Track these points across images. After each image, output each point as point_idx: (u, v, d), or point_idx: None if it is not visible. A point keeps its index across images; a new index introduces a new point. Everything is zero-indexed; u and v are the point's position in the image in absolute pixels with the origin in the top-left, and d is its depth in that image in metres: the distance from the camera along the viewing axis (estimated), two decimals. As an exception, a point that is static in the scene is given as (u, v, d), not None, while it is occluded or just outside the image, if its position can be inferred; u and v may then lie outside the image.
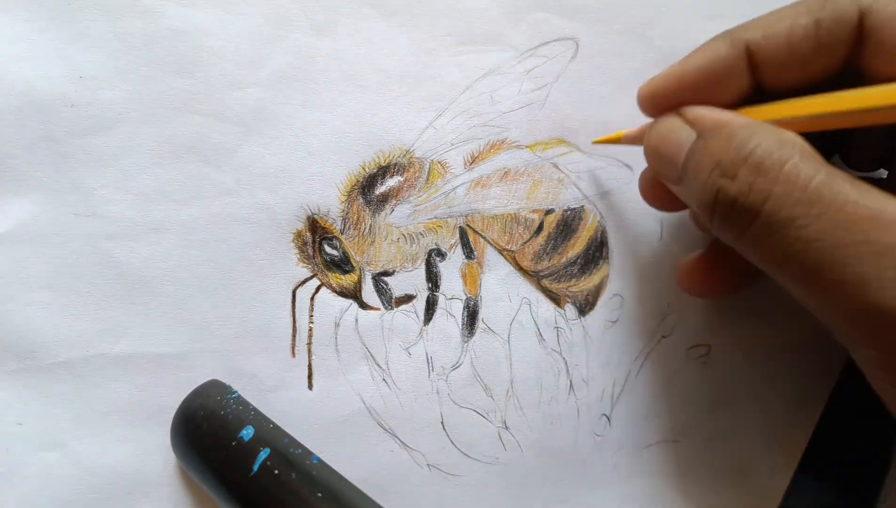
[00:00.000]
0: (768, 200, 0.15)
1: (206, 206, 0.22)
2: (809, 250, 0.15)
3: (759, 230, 0.16)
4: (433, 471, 0.24)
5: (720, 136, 0.17)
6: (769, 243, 0.16)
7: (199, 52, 0.22)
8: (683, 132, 0.18)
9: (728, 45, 0.18)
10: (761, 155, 0.16)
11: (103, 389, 0.22)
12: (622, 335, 0.25)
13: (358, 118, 0.23)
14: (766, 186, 0.15)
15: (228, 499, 0.20)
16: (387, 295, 0.24)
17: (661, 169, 0.20)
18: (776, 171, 0.15)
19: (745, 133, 0.16)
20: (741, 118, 0.17)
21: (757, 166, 0.16)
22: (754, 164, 0.16)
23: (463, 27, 0.24)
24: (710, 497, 0.25)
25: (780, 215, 0.15)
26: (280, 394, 0.23)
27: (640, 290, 0.25)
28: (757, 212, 0.16)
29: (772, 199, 0.15)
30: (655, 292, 0.25)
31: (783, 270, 0.16)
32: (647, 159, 0.21)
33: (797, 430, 0.26)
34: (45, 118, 0.21)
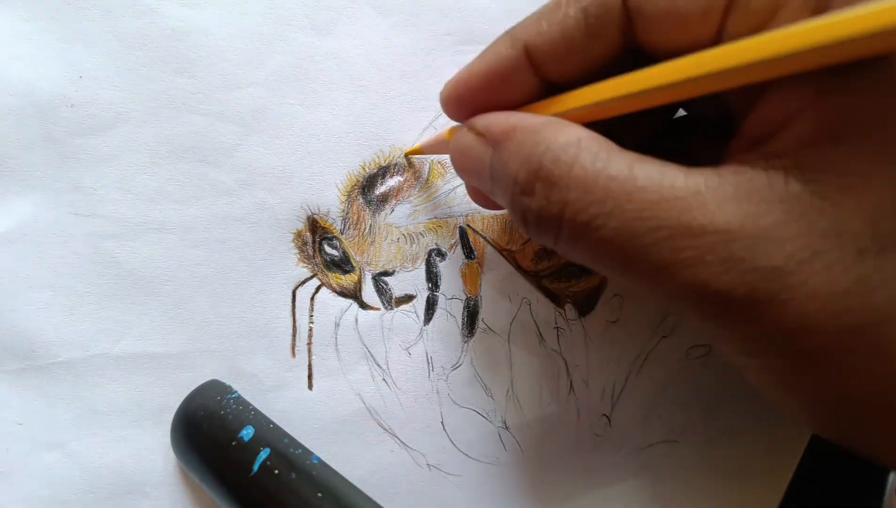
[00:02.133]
0: (566, 208, 0.16)
1: (206, 206, 0.22)
2: (613, 246, 0.15)
3: (568, 237, 0.16)
4: (433, 471, 0.24)
5: (511, 148, 0.17)
6: (580, 247, 0.16)
7: (199, 52, 0.22)
8: (479, 148, 0.18)
9: (509, 46, 0.18)
10: (549, 166, 0.16)
11: (103, 389, 0.22)
12: (622, 335, 0.25)
13: (358, 118, 0.23)
14: (560, 197, 0.16)
15: (228, 499, 0.20)
16: (387, 295, 0.24)
17: (474, 183, 0.20)
18: (565, 178, 0.16)
19: (532, 140, 0.17)
20: (527, 120, 0.17)
21: (548, 179, 0.16)
22: (545, 177, 0.16)
23: (463, 27, 0.24)
24: (710, 497, 0.25)
25: (580, 220, 0.16)
26: (280, 394, 0.23)
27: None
28: (560, 221, 0.16)
29: (568, 206, 0.16)
30: (655, 292, 0.25)
31: (600, 267, 0.16)
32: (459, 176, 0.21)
33: (797, 430, 0.26)
34: (45, 118, 0.21)
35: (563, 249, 0.17)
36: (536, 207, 0.16)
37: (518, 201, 0.17)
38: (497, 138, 0.18)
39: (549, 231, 0.17)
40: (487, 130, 0.18)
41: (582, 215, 0.15)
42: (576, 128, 0.16)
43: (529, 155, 0.16)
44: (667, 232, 0.14)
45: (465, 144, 0.19)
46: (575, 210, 0.16)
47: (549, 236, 0.17)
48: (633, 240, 0.15)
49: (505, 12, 0.25)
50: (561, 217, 0.16)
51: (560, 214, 0.16)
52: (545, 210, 0.16)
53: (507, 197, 0.18)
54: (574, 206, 0.16)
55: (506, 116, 0.18)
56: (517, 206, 0.17)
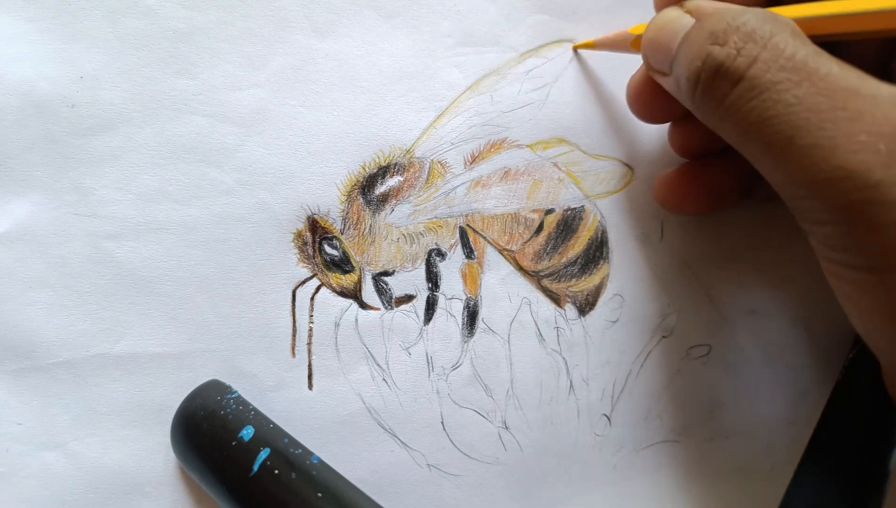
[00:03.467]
0: (754, 63, 0.16)
1: (206, 206, 0.22)
2: (787, 113, 0.15)
3: (740, 95, 0.16)
4: (433, 471, 0.24)
5: (715, 16, 0.17)
6: (748, 109, 0.16)
7: (199, 53, 0.22)
8: (682, 20, 0.18)
9: None
10: (752, 25, 0.16)
11: (103, 389, 0.22)
12: (622, 335, 0.25)
13: (358, 118, 0.23)
14: (753, 52, 0.16)
15: (228, 499, 0.20)
16: (387, 295, 0.24)
17: (654, 58, 0.20)
18: (765, 39, 0.16)
19: (740, 9, 0.17)
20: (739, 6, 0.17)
21: (748, 34, 0.16)
22: (745, 32, 0.16)
23: (463, 28, 0.24)
24: (710, 497, 0.25)
25: (764, 79, 0.15)
26: (280, 394, 0.23)
27: (640, 290, 0.25)
28: (741, 75, 0.16)
29: (758, 63, 0.16)
30: (655, 293, 0.25)
31: (758, 136, 0.16)
32: (643, 53, 0.21)
33: (797, 430, 0.26)
34: (45, 118, 0.21)
35: (725, 111, 0.17)
36: (724, 55, 0.16)
37: (703, 50, 0.17)
38: (705, 13, 0.18)
39: (723, 86, 0.16)
40: (698, 7, 0.18)
41: (769, 75, 0.15)
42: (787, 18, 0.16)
43: (735, 16, 0.16)
44: (850, 114, 0.14)
45: (669, 16, 0.19)
46: (763, 68, 0.15)
47: (720, 91, 0.16)
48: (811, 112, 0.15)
49: (505, 14, 0.25)
50: (744, 72, 0.16)
51: (745, 67, 0.16)
52: (731, 61, 0.16)
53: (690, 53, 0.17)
54: (764, 64, 0.15)
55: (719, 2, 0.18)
56: (700, 55, 0.17)
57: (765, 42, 0.16)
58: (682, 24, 0.18)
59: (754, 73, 0.16)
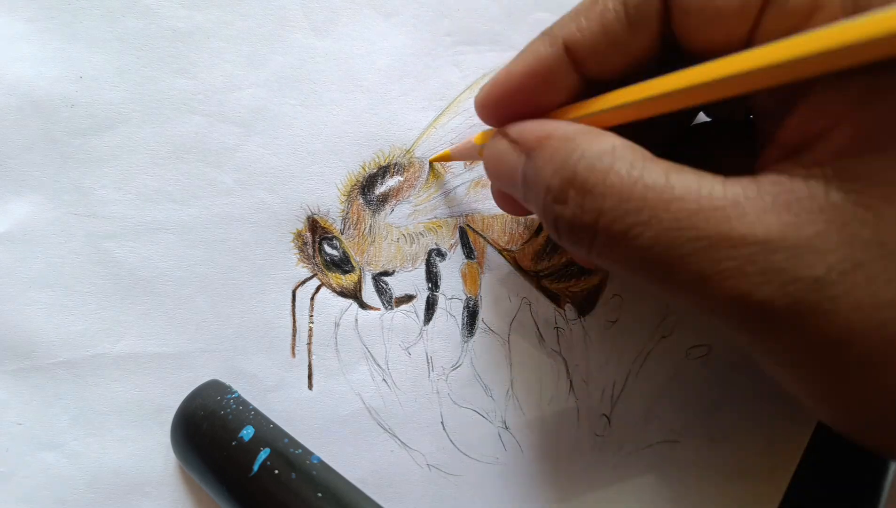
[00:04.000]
0: (600, 217, 0.15)
1: (206, 206, 0.22)
2: (650, 256, 0.15)
3: (602, 246, 0.16)
4: (433, 471, 0.24)
5: (544, 156, 0.17)
6: (614, 256, 0.16)
7: (199, 53, 0.22)
8: (512, 156, 0.18)
9: (548, 45, 0.18)
10: (584, 173, 0.16)
11: (103, 389, 0.22)
12: (622, 335, 0.25)
13: (358, 118, 0.23)
14: (595, 205, 0.16)
15: (228, 499, 0.20)
16: (387, 295, 0.24)
17: (506, 190, 0.20)
18: (601, 186, 0.15)
19: (566, 150, 0.16)
20: (561, 128, 0.17)
21: (582, 186, 0.16)
22: (579, 185, 0.16)
23: (463, 27, 0.24)
24: (710, 497, 0.25)
25: (615, 229, 0.15)
26: (280, 394, 0.23)
27: (640, 290, 0.25)
28: (594, 230, 0.16)
29: (603, 215, 0.15)
30: (655, 292, 0.25)
31: (636, 277, 0.16)
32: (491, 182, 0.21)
33: (797, 430, 0.26)
34: (45, 118, 0.21)
35: (597, 258, 0.17)
36: (570, 215, 0.16)
37: (550, 208, 0.17)
38: (530, 146, 0.17)
39: (583, 240, 0.16)
40: (521, 136, 0.18)
41: (618, 225, 0.15)
42: (610, 136, 0.16)
43: (563, 162, 0.16)
44: (706, 242, 0.14)
45: (499, 150, 0.19)
46: (611, 219, 0.15)
47: (583, 244, 0.16)
48: (671, 250, 0.15)
49: (505, 13, 0.25)
50: (595, 226, 0.16)
51: (594, 222, 0.16)
52: (579, 218, 0.16)
53: (539, 205, 0.17)
54: (610, 215, 0.15)
55: (540, 123, 0.18)
56: (549, 214, 0.17)
57: (601, 189, 0.15)
58: (515, 161, 0.18)
59: (604, 225, 0.15)
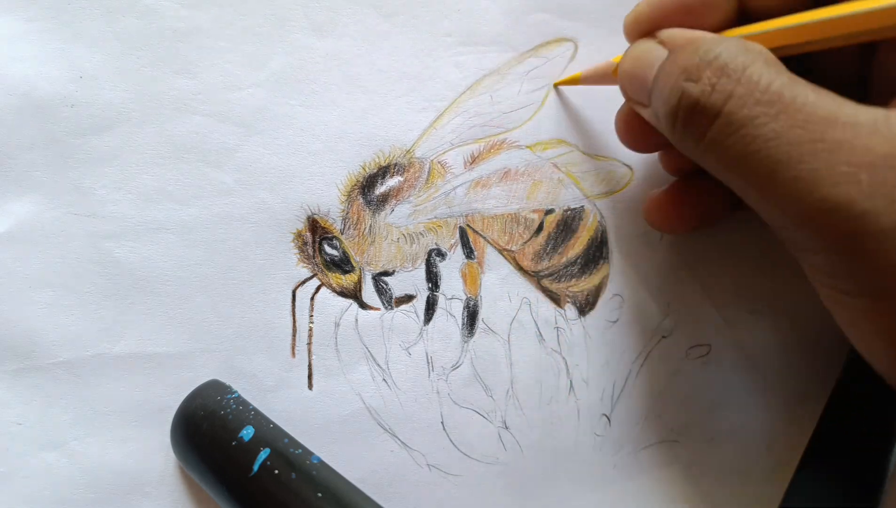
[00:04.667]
0: (729, 99, 0.15)
1: (206, 206, 0.22)
2: (766, 148, 0.15)
3: (719, 131, 0.16)
4: (433, 471, 0.24)
5: (689, 48, 0.17)
6: (728, 145, 0.16)
7: (199, 53, 0.22)
8: (656, 52, 0.18)
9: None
10: (725, 59, 0.16)
11: (103, 389, 0.22)
12: (622, 335, 0.25)
13: (358, 118, 0.23)
14: (727, 87, 0.16)
15: (228, 499, 0.20)
16: (387, 295, 0.24)
17: (632, 91, 0.20)
18: (738, 73, 0.16)
19: (711, 42, 0.16)
20: (712, 34, 0.17)
21: (721, 69, 0.16)
22: (718, 67, 0.16)
23: (463, 27, 0.24)
24: (710, 497, 0.25)
25: (740, 114, 0.15)
26: (280, 394, 0.23)
27: (640, 290, 0.25)
28: (718, 112, 0.16)
29: (733, 98, 0.15)
30: (655, 292, 0.25)
31: (741, 171, 0.16)
32: (620, 86, 0.21)
33: (797, 430, 0.26)
34: (45, 118, 0.21)
35: (706, 147, 0.16)
36: (699, 91, 0.16)
37: (679, 86, 0.16)
38: (678, 44, 0.18)
39: (701, 124, 0.16)
40: (671, 38, 0.18)
41: (745, 111, 0.15)
42: (758, 45, 0.16)
43: (707, 50, 0.16)
44: (829, 145, 0.14)
45: (643, 48, 0.19)
46: (739, 103, 0.15)
47: (698, 129, 0.16)
48: (792, 146, 0.15)
49: (505, 13, 0.25)
50: (720, 108, 0.16)
51: (721, 104, 0.16)
52: (706, 97, 0.16)
53: (666, 88, 0.17)
54: (739, 99, 0.15)
55: (692, 31, 0.18)
56: (676, 91, 0.17)
57: (738, 75, 0.16)
58: (656, 57, 0.18)
59: (730, 108, 0.15)
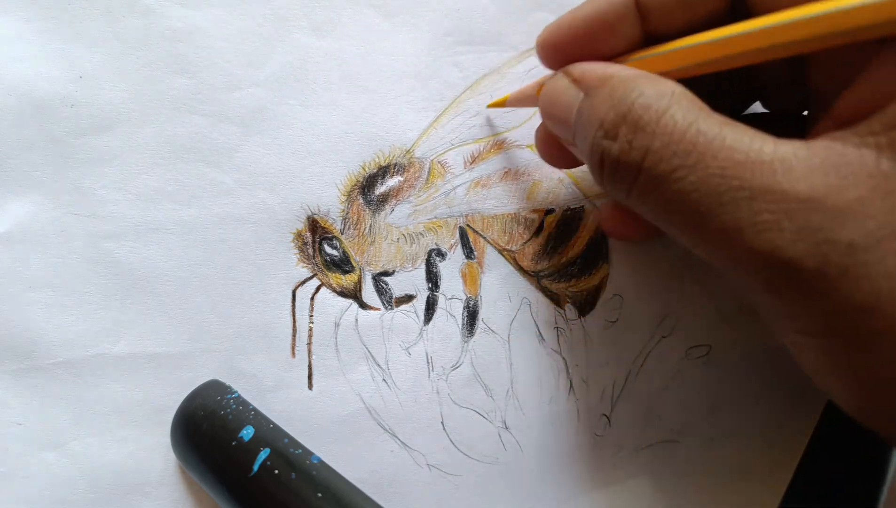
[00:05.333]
0: (647, 155, 0.16)
1: (206, 206, 0.22)
2: (689, 200, 0.15)
3: (643, 187, 0.16)
4: (433, 471, 0.24)
5: (603, 93, 0.17)
6: (653, 199, 0.16)
7: (199, 53, 0.22)
8: (571, 92, 0.18)
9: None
10: (639, 111, 0.16)
11: (103, 389, 0.22)
12: (622, 335, 0.25)
13: (358, 118, 0.23)
14: (643, 143, 0.16)
15: (228, 499, 0.20)
16: (387, 295, 0.24)
17: (557, 131, 0.20)
18: (653, 125, 0.16)
19: (625, 88, 0.16)
20: (624, 71, 0.17)
21: (635, 123, 0.16)
22: (632, 121, 0.16)
23: (463, 27, 0.24)
24: (710, 497, 0.25)
25: (659, 169, 0.15)
26: (280, 394, 0.23)
27: (640, 290, 0.25)
28: (638, 169, 0.16)
29: (650, 154, 0.16)
30: (655, 292, 0.25)
31: (670, 223, 0.16)
32: (543, 120, 0.21)
33: (797, 430, 0.26)
34: (45, 118, 0.21)
35: (634, 200, 0.17)
36: (617, 150, 0.16)
37: (599, 144, 0.17)
38: (591, 84, 0.18)
39: (626, 179, 0.16)
40: (583, 76, 0.18)
41: (663, 165, 0.15)
42: (672, 83, 0.16)
43: (621, 99, 0.16)
44: (748, 193, 0.14)
45: (559, 88, 0.19)
46: (657, 159, 0.15)
47: (624, 184, 0.17)
48: (712, 197, 0.15)
49: (504, 13, 0.25)
50: (640, 164, 0.16)
51: (640, 160, 0.16)
52: (625, 155, 0.16)
53: (587, 141, 0.17)
54: (656, 154, 0.15)
55: (603, 65, 0.18)
56: (597, 149, 0.17)
57: (653, 127, 0.15)
58: (573, 97, 0.18)
59: (649, 165, 0.16)
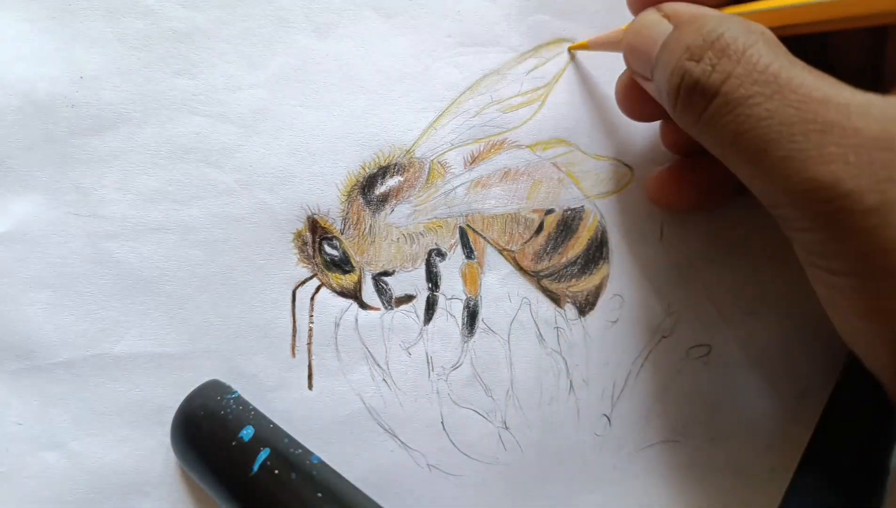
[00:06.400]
0: (728, 79, 0.16)
1: (206, 206, 0.22)
2: (760, 126, 0.16)
3: (716, 110, 0.16)
4: (433, 471, 0.24)
5: (693, 26, 0.17)
6: (724, 123, 0.16)
7: (199, 53, 0.22)
8: (660, 26, 0.19)
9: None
10: (727, 40, 0.16)
11: (103, 389, 0.22)
12: (622, 335, 0.25)
13: (358, 119, 0.23)
14: (727, 68, 0.16)
15: (228, 499, 0.20)
16: (387, 295, 0.24)
17: (636, 64, 0.20)
18: (739, 54, 0.16)
19: (716, 22, 0.17)
20: (715, 11, 0.18)
21: (722, 50, 0.16)
22: (720, 48, 0.16)
23: (463, 28, 0.24)
24: (710, 497, 0.25)
25: (737, 94, 0.16)
26: (280, 394, 0.23)
27: (640, 290, 0.25)
28: (716, 91, 0.16)
29: (731, 78, 0.16)
30: (655, 292, 0.25)
31: (735, 148, 0.17)
32: (624, 57, 0.21)
33: (797, 430, 0.26)
34: (45, 118, 0.21)
35: (704, 124, 0.17)
36: (699, 72, 0.17)
37: (682, 65, 0.17)
38: (682, 19, 0.18)
39: (700, 101, 0.17)
40: (675, 12, 0.18)
41: (742, 90, 0.16)
42: (760, 26, 0.17)
43: (711, 30, 0.17)
44: (819, 126, 0.15)
45: (648, 20, 0.19)
46: (737, 83, 0.16)
47: (697, 107, 0.17)
48: (783, 126, 0.15)
49: (505, 14, 0.25)
50: (719, 87, 0.16)
51: (720, 83, 0.16)
52: (706, 77, 0.16)
53: (668, 67, 0.18)
54: (737, 79, 0.16)
55: (695, 6, 0.19)
56: (678, 71, 0.17)
57: (738, 56, 0.16)
58: (661, 31, 0.19)
59: (728, 88, 0.16)
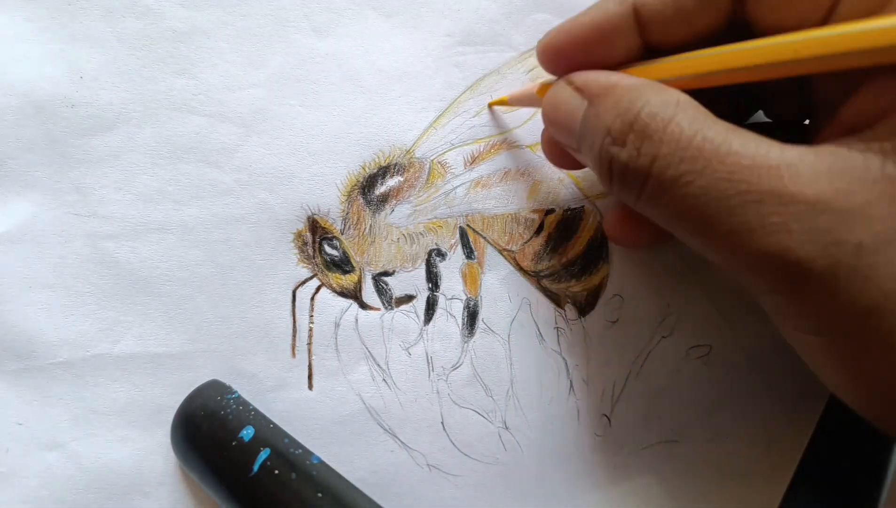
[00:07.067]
0: (655, 161, 0.16)
1: (206, 206, 0.22)
2: (698, 204, 0.15)
3: (652, 192, 0.16)
4: (433, 471, 0.24)
5: (608, 102, 0.17)
6: (662, 203, 0.16)
7: (199, 53, 0.22)
8: (574, 101, 0.19)
9: (617, 4, 0.19)
10: (646, 119, 0.16)
11: (103, 389, 0.22)
12: (622, 335, 0.25)
13: (358, 118, 0.23)
14: (651, 150, 0.16)
15: (228, 499, 0.20)
16: (387, 295, 0.24)
17: (559, 137, 0.20)
18: (660, 132, 0.16)
19: (631, 96, 0.17)
20: (627, 79, 0.18)
21: (643, 131, 0.16)
22: (640, 129, 0.16)
23: (463, 28, 0.24)
24: (710, 497, 0.25)
25: (668, 175, 0.16)
26: (280, 394, 0.23)
27: (640, 290, 0.25)
28: (647, 175, 0.16)
29: (658, 160, 0.16)
30: (655, 292, 0.25)
31: (679, 226, 0.17)
32: (546, 127, 0.21)
33: (797, 430, 0.26)
34: (45, 118, 0.21)
35: (643, 205, 0.17)
36: (626, 157, 0.17)
37: (607, 151, 0.17)
38: (595, 93, 0.18)
39: (634, 184, 0.17)
40: (586, 84, 0.18)
41: (671, 171, 0.16)
42: (676, 92, 0.17)
43: (627, 108, 0.17)
44: (755, 196, 0.15)
45: (561, 97, 0.19)
46: (665, 164, 0.16)
47: (633, 189, 0.17)
48: (720, 200, 0.15)
49: (505, 13, 0.25)
50: (649, 170, 0.16)
51: (648, 167, 0.16)
52: (634, 162, 0.16)
53: (594, 149, 0.18)
54: (664, 160, 0.16)
55: (605, 74, 0.18)
56: (605, 156, 0.17)
57: (660, 135, 0.16)
58: (576, 106, 0.18)
59: (657, 170, 0.16)
